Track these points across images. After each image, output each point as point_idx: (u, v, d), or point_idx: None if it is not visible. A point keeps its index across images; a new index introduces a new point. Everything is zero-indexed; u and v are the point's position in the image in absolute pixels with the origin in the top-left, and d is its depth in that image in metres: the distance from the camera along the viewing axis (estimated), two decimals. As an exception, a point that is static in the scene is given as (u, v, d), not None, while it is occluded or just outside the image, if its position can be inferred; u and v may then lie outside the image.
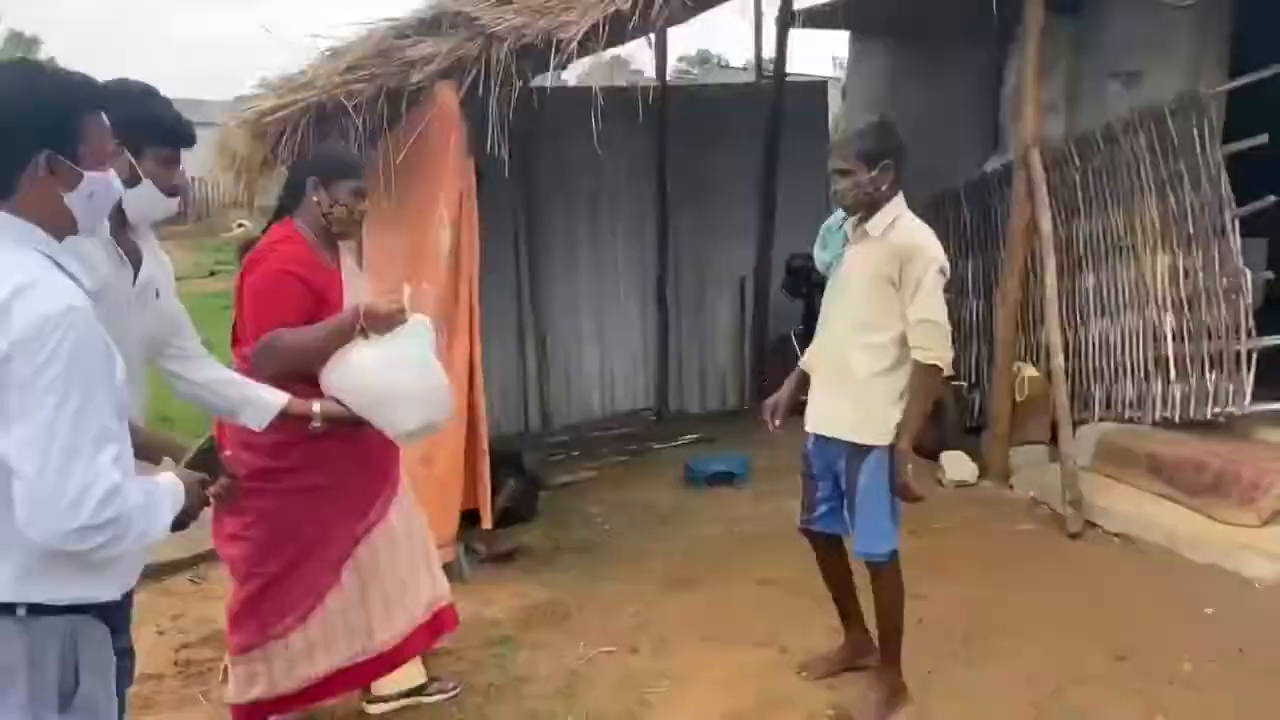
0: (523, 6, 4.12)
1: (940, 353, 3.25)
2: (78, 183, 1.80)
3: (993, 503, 5.53)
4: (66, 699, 1.81)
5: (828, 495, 3.53)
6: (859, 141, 3.28)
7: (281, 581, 3.12)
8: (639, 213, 7.46)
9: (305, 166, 3.14)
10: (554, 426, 7.25)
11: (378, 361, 2.93)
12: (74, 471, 1.67)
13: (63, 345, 1.67)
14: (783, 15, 7.52)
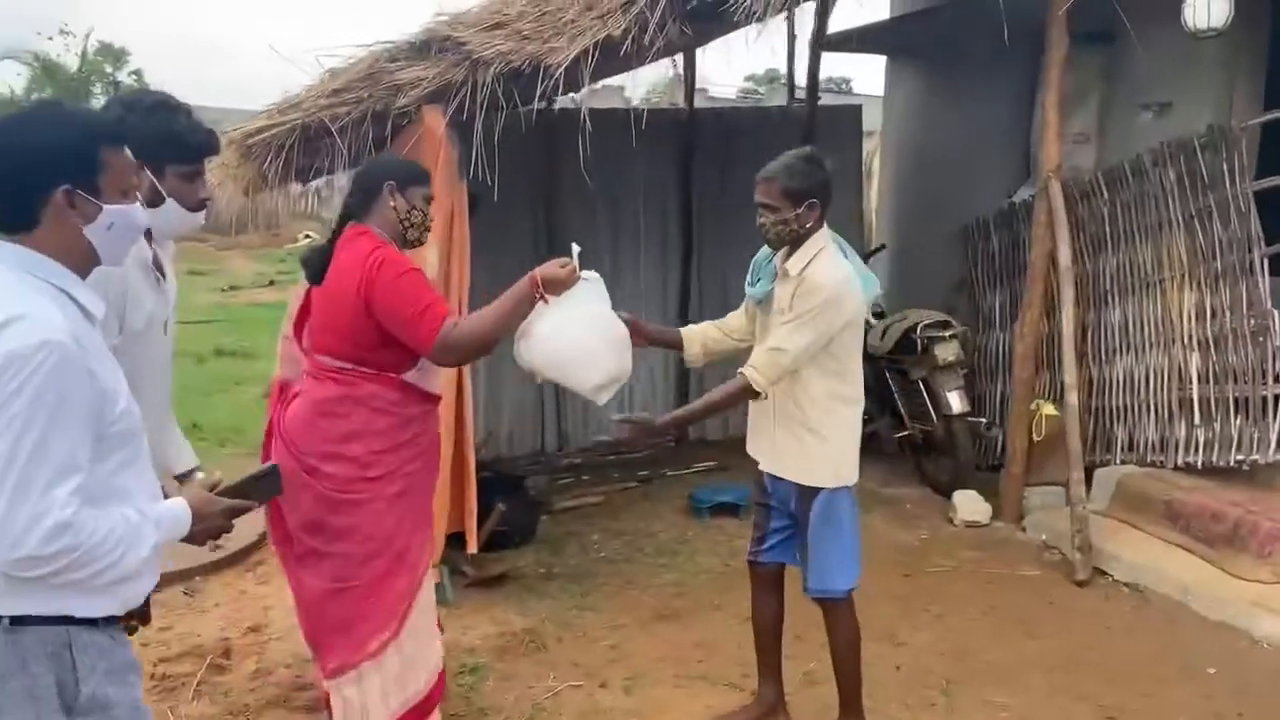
0: (513, 32, 4.11)
1: (766, 385, 3.15)
2: (96, 215, 1.86)
3: (1001, 545, 5.35)
4: (70, 702, 1.84)
5: (782, 525, 3.48)
6: (784, 178, 3.17)
7: (374, 591, 3.07)
8: (663, 235, 7.41)
9: (380, 172, 3.10)
10: (569, 448, 7.21)
11: (558, 326, 2.92)
12: (24, 502, 1.71)
13: (31, 380, 1.72)
14: (816, 38, 7.44)
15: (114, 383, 1.88)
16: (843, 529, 3.33)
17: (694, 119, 7.36)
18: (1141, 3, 5.32)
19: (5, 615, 1.81)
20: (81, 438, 1.78)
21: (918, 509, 5.93)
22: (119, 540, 1.82)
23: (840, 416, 3.29)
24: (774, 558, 3.53)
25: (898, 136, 8.24)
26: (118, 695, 1.91)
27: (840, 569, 3.35)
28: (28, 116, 1.93)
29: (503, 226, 6.61)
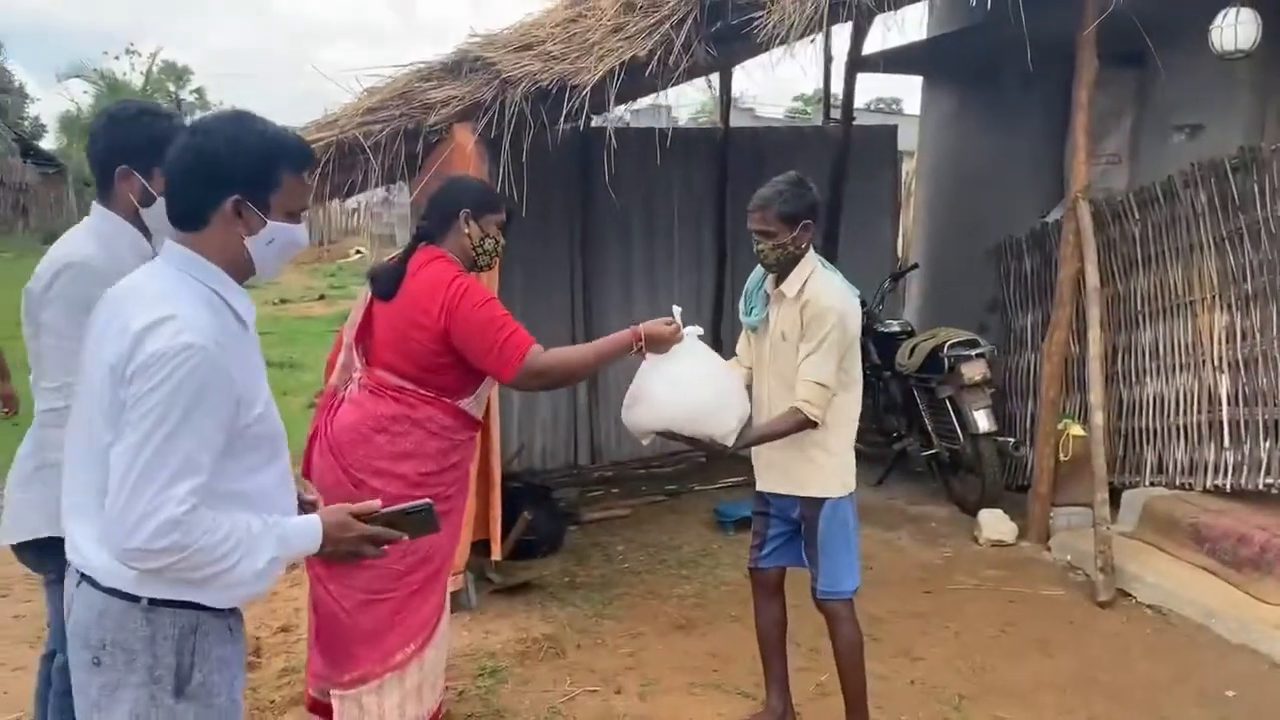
0: (541, 53, 4.23)
1: (820, 413, 3.27)
2: (260, 229, 1.94)
3: (1025, 565, 5.34)
4: (183, 685, 1.90)
5: (780, 531, 3.57)
6: (778, 203, 3.29)
7: (406, 606, 3.13)
8: (697, 252, 7.50)
9: (457, 197, 3.17)
10: (602, 461, 7.30)
11: (680, 383, 3.14)
12: (142, 496, 1.77)
13: (171, 378, 1.78)
14: (851, 59, 7.50)
15: (253, 386, 1.94)
16: (849, 532, 3.44)
17: (729, 138, 7.45)
18: (1172, 25, 5.33)
19: (144, 596, 1.87)
20: (209, 440, 1.83)
21: (944, 527, 5.93)
22: (235, 546, 1.85)
23: (848, 432, 3.42)
24: (773, 562, 3.62)
25: (933, 156, 8.27)
26: (221, 684, 1.97)
27: (848, 571, 3.45)
28: (217, 123, 1.98)
29: (539, 241, 6.75)
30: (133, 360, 1.80)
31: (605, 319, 7.26)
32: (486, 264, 3.20)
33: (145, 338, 1.80)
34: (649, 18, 4.30)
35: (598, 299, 7.23)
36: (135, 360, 1.80)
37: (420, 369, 3.03)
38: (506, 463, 6.67)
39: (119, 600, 1.88)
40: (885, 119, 14.81)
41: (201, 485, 1.81)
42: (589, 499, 6.57)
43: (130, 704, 1.88)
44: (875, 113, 26.29)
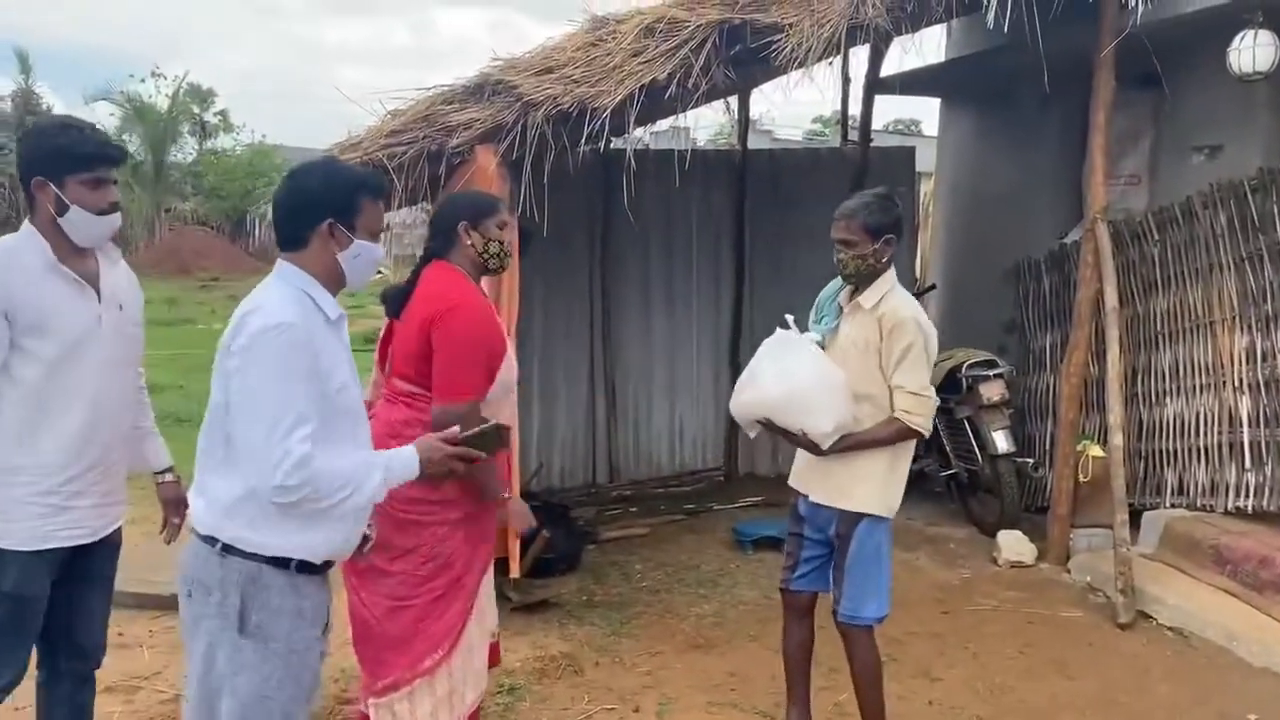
0: (562, 76, 4.29)
1: (924, 422, 3.31)
2: (348, 245, 2.36)
3: (1045, 586, 5.32)
4: (244, 624, 2.28)
5: (814, 554, 3.55)
6: (864, 214, 3.34)
7: (430, 612, 3.17)
8: (715, 272, 7.53)
9: (453, 212, 3.24)
10: (620, 480, 7.32)
11: (782, 378, 3.32)
12: (272, 443, 2.16)
13: (270, 348, 2.20)
14: (869, 80, 7.54)
15: (334, 363, 2.31)
16: (881, 560, 3.42)
17: (747, 160, 7.49)
18: (1190, 47, 5.36)
19: (220, 540, 2.28)
20: (311, 393, 2.22)
21: (962, 548, 5.92)
22: (349, 479, 2.26)
23: (901, 451, 3.39)
24: (805, 586, 3.61)
25: (951, 177, 8.29)
26: (278, 631, 2.30)
27: (874, 599, 3.42)
28: (312, 166, 2.49)
29: (560, 260, 6.81)
30: (236, 339, 2.24)
31: (624, 337, 7.31)
32: (498, 266, 3.26)
33: (246, 321, 2.24)
34: (668, 41, 4.35)
35: (617, 317, 7.27)
36: (239, 339, 2.23)
37: (422, 374, 3.11)
38: (525, 482, 6.71)
39: (204, 545, 2.31)
40: (904, 140, 14.83)
41: (314, 431, 2.20)
42: (607, 518, 6.59)
43: (207, 633, 2.31)
44: (894, 134, 26.32)
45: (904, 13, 4.63)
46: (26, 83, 32.95)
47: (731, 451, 7.67)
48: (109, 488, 2.90)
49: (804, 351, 3.36)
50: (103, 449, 2.83)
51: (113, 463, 2.90)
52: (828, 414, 3.28)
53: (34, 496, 2.72)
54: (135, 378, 3.02)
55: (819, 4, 4.49)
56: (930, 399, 3.31)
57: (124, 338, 2.86)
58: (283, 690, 2.34)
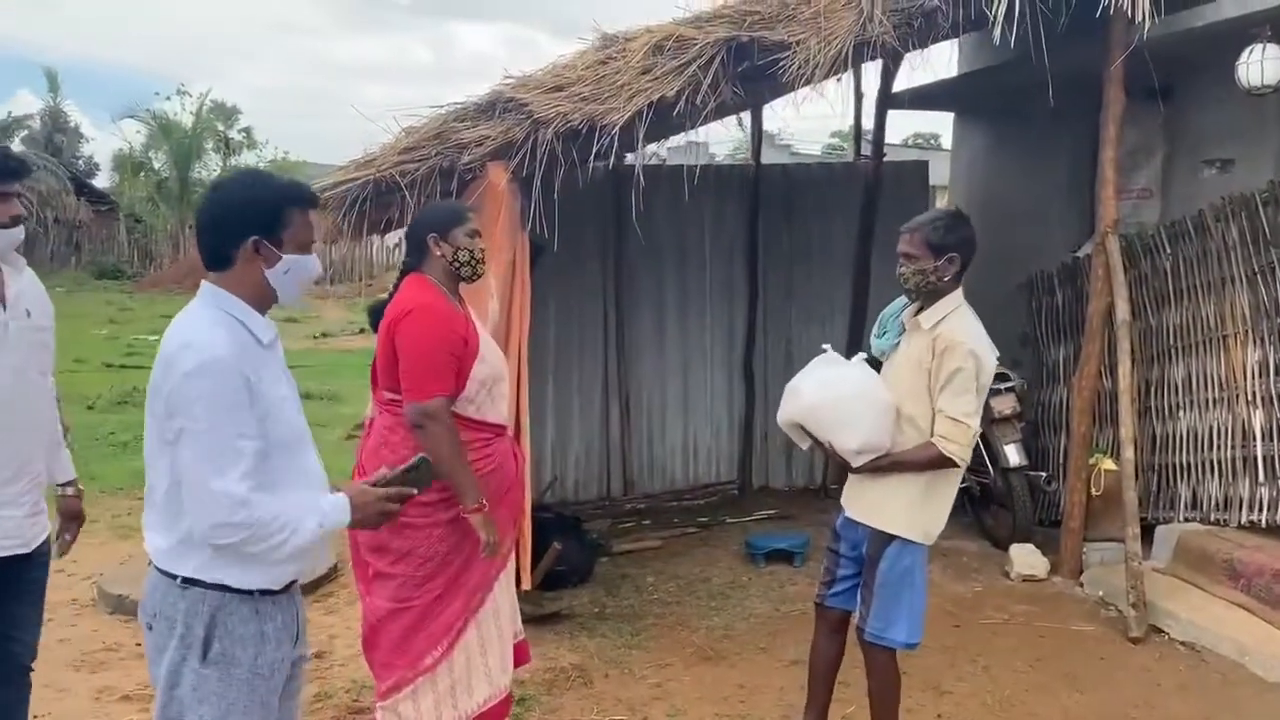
0: (572, 94, 4.35)
1: (960, 451, 3.25)
2: (276, 262, 2.29)
3: (1056, 600, 5.31)
4: (207, 652, 2.25)
5: (850, 573, 3.54)
6: (928, 230, 3.31)
7: (430, 612, 3.27)
8: (729, 287, 7.56)
9: (422, 227, 3.35)
10: (634, 494, 7.34)
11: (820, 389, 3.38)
12: (209, 484, 2.14)
13: (203, 388, 2.15)
14: (882, 95, 7.57)
15: (268, 391, 2.25)
16: (913, 584, 3.38)
17: (760, 174, 7.54)
18: (1201, 60, 5.37)
19: (179, 575, 2.25)
20: (246, 426, 2.18)
21: (974, 562, 5.92)
22: (285, 523, 2.20)
23: (944, 477, 3.35)
24: (840, 603, 3.59)
25: (964, 191, 8.30)
26: (242, 657, 2.28)
27: (904, 622, 3.38)
28: (233, 180, 2.42)
29: (575, 275, 6.87)
30: (167, 380, 2.19)
31: (638, 351, 7.35)
32: (470, 275, 3.33)
33: (176, 360, 2.19)
34: (677, 59, 4.41)
35: (631, 331, 7.30)
36: (169, 380, 2.18)
37: (394, 380, 3.22)
38: (540, 494, 6.76)
39: (164, 578, 2.28)
40: (924, 154, 14.83)
41: (250, 469, 2.17)
42: (620, 530, 6.62)
43: (169, 663, 2.27)
44: (914, 148, 26.29)
45: (911, 29, 4.68)
46: (55, 101, 33.53)
47: (746, 465, 7.69)
48: (37, 497, 2.97)
49: (852, 367, 3.37)
50: (23, 459, 2.89)
51: (38, 472, 2.97)
52: (857, 431, 3.27)
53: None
54: (49, 386, 3.07)
55: (826, 22, 4.54)
56: (970, 428, 3.22)
57: (31, 345, 2.93)
58: (249, 715, 2.33)
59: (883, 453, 3.31)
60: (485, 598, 3.38)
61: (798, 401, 3.44)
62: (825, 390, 3.37)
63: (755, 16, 4.57)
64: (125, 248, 29.03)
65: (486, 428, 3.32)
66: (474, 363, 3.22)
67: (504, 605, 3.46)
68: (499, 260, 4.45)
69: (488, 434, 3.33)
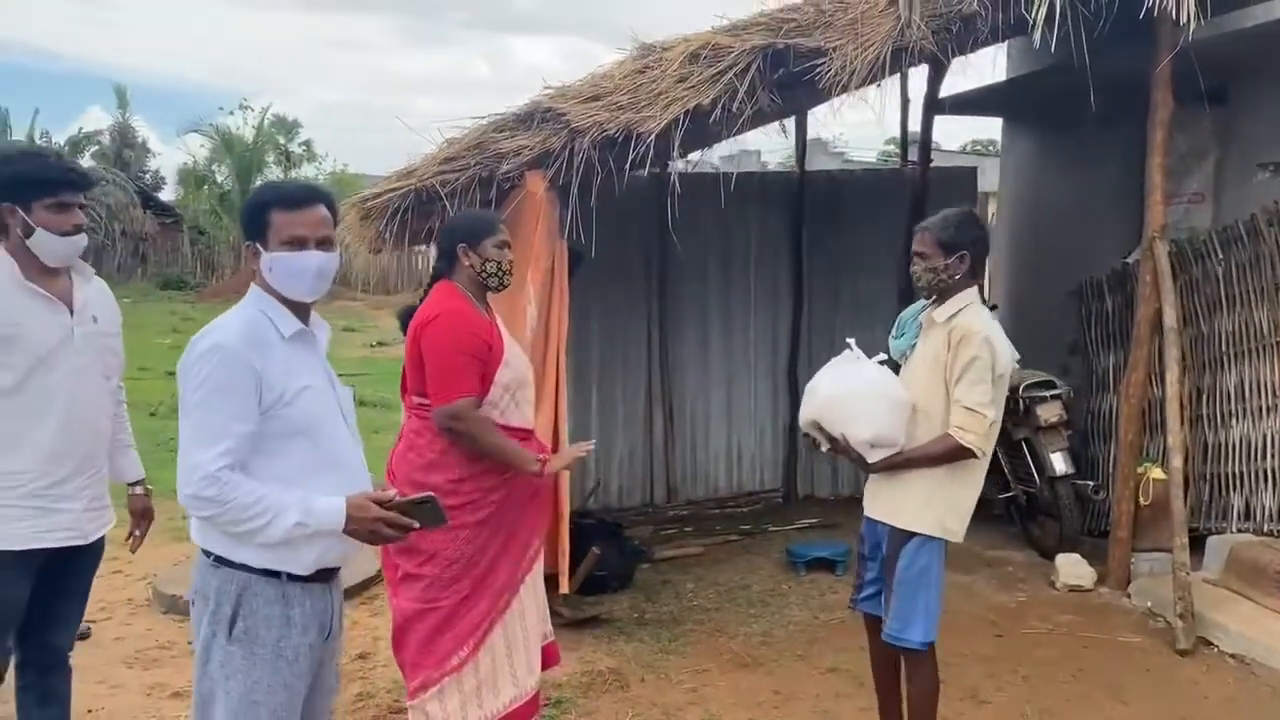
0: (609, 103, 4.40)
1: (979, 441, 3.25)
2: (260, 261, 2.45)
3: (1103, 611, 5.22)
4: (232, 630, 2.39)
5: (875, 576, 3.55)
6: (939, 229, 3.38)
7: (456, 613, 3.35)
8: (774, 293, 7.56)
9: (451, 236, 3.44)
10: (677, 500, 7.36)
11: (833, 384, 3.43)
12: (189, 455, 2.30)
13: (206, 369, 2.32)
14: (929, 101, 7.52)
15: (281, 380, 2.38)
16: (929, 582, 3.38)
17: (805, 181, 7.53)
18: (1254, 62, 5.26)
19: (212, 553, 2.40)
20: (242, 411, 2.32)
21: (1020, 572, 5.84)
22: (266, 508, 2.29)
23: (966, 472, 3.35)
24: (869, 607, 3.60)
25: (1013, 197, 8.21)
26: (266, 637, 2.39)
27: (920, 620, 3.38)
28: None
29: (619, 282, 6.91)
30: (184, 360, 2.37)
31: (682, 359, 7.37)
32: (497, 285, 3.41)
33: (193, 344, 2.38)
34: (713, 67, 4.43)
35: (674, 339, 7.32)
36: (186, 360, 2.37)
37: (422, 383, 3.31)
38: (582, 500, 6.81)
39: (202, 556, 2.44)
40: (981, 160, 14.62)
41: (233, 448, 2.29)
42: (663, 537, 6.64)
43: (202, 639, 2.43)
44: (972, 154, 25.96)
45: (950, 34, 4.65)
46: (124, 117, 34.45)
47: (791, 473, 7.67)
48: (98, 493, 3.10)
49: (865, 364, 3.40)
50: (82, 455, 3.02)
51: (98, 469, 3.09)
52: (869, 422, 3.29)
53: (16, 500, 2.92)
54: (113, 389, 3.19)
55: (863, 27, 4.53)
56: (987, 418, 3.22)
57: (98, 349, 3.07)
58: (272, 695, 2.42)
59: (897, 448, 3.32)
60: (512, 600, 3.43)
61: (813, 398, 3.46)
62: (839, 385, 3.39)
63: (792, 23, 4.59)
64: (189, 259, 29.72)
65: (511, 431, 3.38)
66: (498, 368, 3.28)
67: (530, 607, 3.50)
68: (537, 268, 4.52)
69: (513, 438, 3.38)
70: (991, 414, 3.26)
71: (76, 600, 3.28)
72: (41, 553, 2.99)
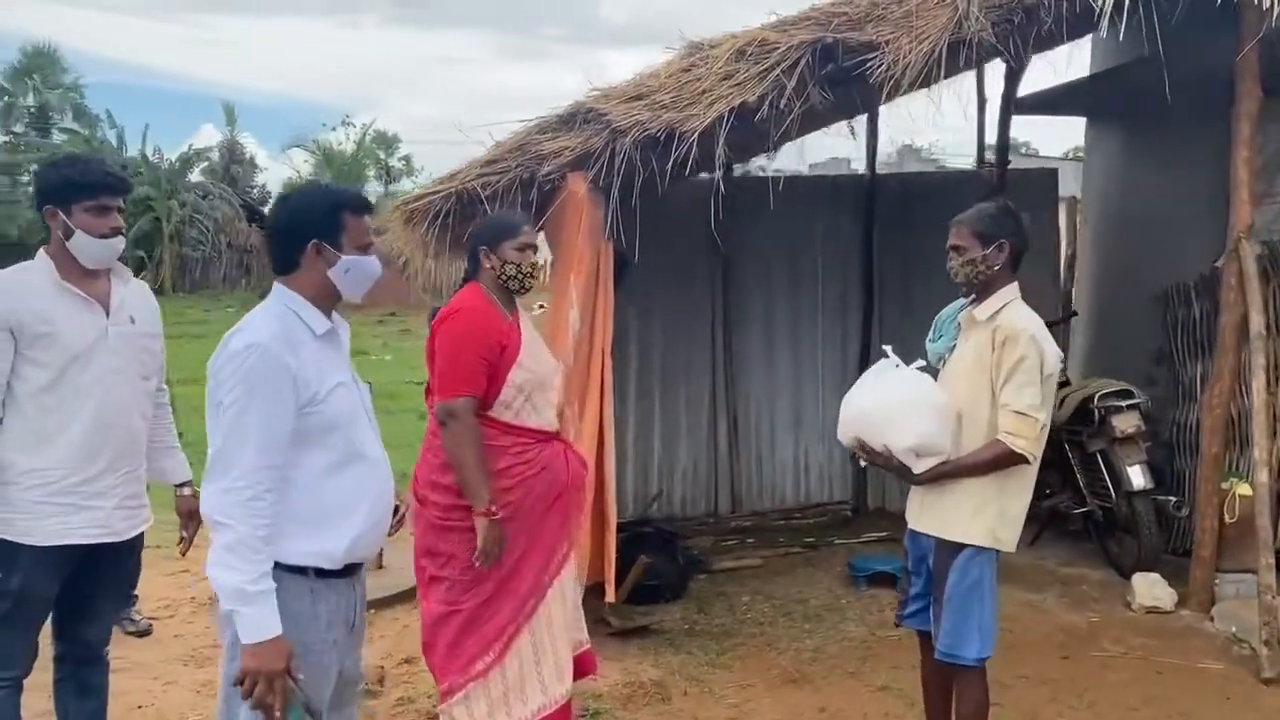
0: (652, 102, 4.33)
1: (1030, 447, 3.10)
2: (336, 263, 2.47)
3: (1182, 635, 4.90)
4: None
5: (921, 591, 3.40)
6: (975, 219, 3.28)
7: (479, 616, 3.34)
8: (843, 300, 7.37)
9: (475, 240, 3.49)
10: (742, 511, 7.21)
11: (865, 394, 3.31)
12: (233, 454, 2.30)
13: (240, 369, 2.32)
14: (1006, 101, 7.26)
15: (315, 378, 2.40)
16: (983, 596, 3.22)
17: (876, 185, 7.33)
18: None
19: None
20: (277, 411, 2.33)
21: (1095, 591, 5.54)
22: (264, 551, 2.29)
23: (1017, 478, 3.20)
24: (915, 624, 3.46)
25: (1097, 200, 7.84)
26: (292, 632, 2.36)
27: (975, 637, 3.22)
28: (296, 192, 2.70)
29: (682, 288, 6.83)
30: (216, 359, 2.38)
31: (747, 367, 7.23)
32: (518, 288, 3.40)
33: (226, 343, 2.39)
34: (760, 64, 4.32)
35: (739, 347, 7.19)
36: (218, 359, 2.37)
37: None
38: (644, 509, 6.73)
39: None
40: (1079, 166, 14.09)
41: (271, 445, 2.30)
42: (723, 548, 6.51)
43: (231, 633, 2.38)
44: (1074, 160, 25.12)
45: (1011, 26, 4.44)
46: (232, 134, 35.82)
47: (861, 485, 7.44)
48: (132, 491, 3.12)
49: (902, 371, 3.27)
50: (115, 453, 3.05)
51: (131, 468, 3.12)
52: (910, 429, 3.14)
53: (49, 496, 2.96)
54: (150, 388, 3.22)
55: (918, 21, 4.37)
56: (1038, 421, 3.07)
57: (134, 349, 3.11)
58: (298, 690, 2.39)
59: (943, 457, 3.15)
60: (538, 605, 3.38)
61: (849, 412, 3.32)
62: (875, 393, 3.26)
63: (843, 18, 4.45)
64: (291, 270, 30.69)
65: (526, 433, 3.34)
66: (511, 369, 3.24)
67: (556, 614, 3.44)
68: (579, 270, 4.46)
69: (527, 439, 3.34)
70: (1043, 417, 3.10)
71: (110, 597, 3.34)
72: (73, 549, 3.02)
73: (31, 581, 2.99)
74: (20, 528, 2.95)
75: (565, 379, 4.50)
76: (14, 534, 2.95)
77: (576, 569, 3.77)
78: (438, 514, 3.31)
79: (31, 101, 31.43)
